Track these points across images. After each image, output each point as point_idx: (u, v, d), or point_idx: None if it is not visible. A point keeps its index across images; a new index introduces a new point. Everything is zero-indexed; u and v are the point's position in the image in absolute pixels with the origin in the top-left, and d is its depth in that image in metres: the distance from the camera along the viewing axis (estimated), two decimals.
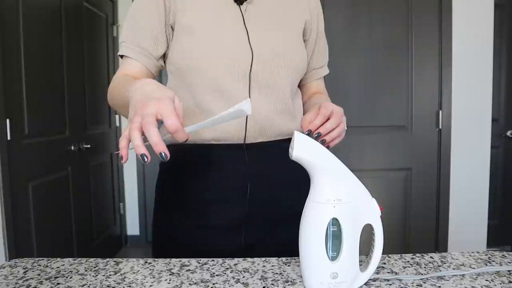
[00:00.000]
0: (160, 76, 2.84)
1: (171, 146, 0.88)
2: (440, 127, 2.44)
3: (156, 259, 0.73)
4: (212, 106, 0.80)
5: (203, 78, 0.80)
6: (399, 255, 0.74)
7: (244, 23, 0.80)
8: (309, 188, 0.86)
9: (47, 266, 0.70)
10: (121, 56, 0.84)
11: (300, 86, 0.96)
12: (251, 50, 0.79)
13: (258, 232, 0.83)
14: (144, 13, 0.82)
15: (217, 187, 0.82)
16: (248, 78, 0.80)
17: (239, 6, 0.81)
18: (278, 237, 0.84)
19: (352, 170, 0.59)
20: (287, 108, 0.85)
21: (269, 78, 0.81)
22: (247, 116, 0.80)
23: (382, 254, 0.64)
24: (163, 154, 0.51)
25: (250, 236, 0.83)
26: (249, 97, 0.80)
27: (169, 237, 0.87)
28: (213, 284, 0.62)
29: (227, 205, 0.82)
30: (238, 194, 0.82)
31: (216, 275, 0.66)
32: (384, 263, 0.70)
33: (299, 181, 0.85)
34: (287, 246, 0.80)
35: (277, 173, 0.83)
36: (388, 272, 0.66)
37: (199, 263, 0.71)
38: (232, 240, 0.83)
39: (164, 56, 0.86)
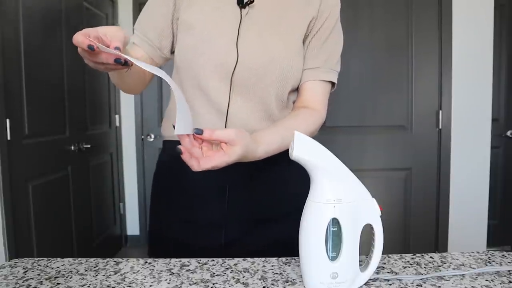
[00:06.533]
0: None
1: (167, 143, 0.89)
2: (440, 127, 2.44)
3: (156, 259, 0.73)
4: (195, 103, 0.82)
5: (190, 75, 0.82)
6: (399, 255, 0.74)
7: (239, 26, 0.80)
8: (289, 189, 0.84)
9: (47, 266, 0.70)
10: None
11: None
12: (237, 54, 0.79)
13: (239, 231, 0.84)
14: (155, 5, 0.86)
15: (199, 185, 0.83)
16: (230, 81, 0.80)
17: (241, 10, 0.81)
18: (260, 237, 0.84)
19: (352, 170, 0.59)
20: (269, 118, 0.84)
21: (253, 86, 0.81)
22: (226, 119, 0.81)
23: (382, 254, 0.64)
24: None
25: (231, 234, 0.84)
26: (229, 100, 0.80)
27: (156, 231, 0.90)
28: (213, 284, 0.62)
29: (207, 203, 0.84)
30: (219, 193, 0.83)
31: (216, 275, 0.66)
32: (384, 263, 0.70)
33: (279, 182, 0.85)
34: (270, 245, 0.81)
35: (257, 174, 0.83)
36: (388, 272, 0.66)
37: (199, 263, 0.71)
38: (213, 236, 0.84)
39: (173, 48, 0.89)
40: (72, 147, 2.14)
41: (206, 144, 0.63)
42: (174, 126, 0.58)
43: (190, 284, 0.62)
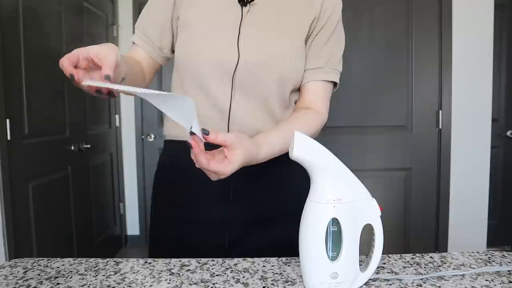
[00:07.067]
0: (161, 72, 2.84)
1: (168, 143, 0.89)
2: (440, 127, 2.44)
3: (156, 259, 0.73)
4: (197, 104, 0.81)
5: (191, 73, 0.82)
6: (399, 255, 0.74)
7: (240, 25, 0.80)
8: (290, 189, 0.83)
9: (47, 266, 0.70)
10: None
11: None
12: (238, 53, 0.79)
13: (242, 231, 0.84)
14: (155, 4, 0.87)
15: (202, 185, 0.82)
16: (231, 80, 0.80)
17: (242, 8, 0.81)
18: (261, 237, 0.84)
19: (352, 170, 0.59)
20: (272, 117, 0.84)
21: (254, 85, 0.80)
22: (228, 119, 0.80)
23: (382, 254, 0.64)
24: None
25: (234, 235, 0.84)
26: (231, 99, 0.80)
27: (158, 231, 0.90)
28: (213, 284, 0.62)
29: (210, 203, 0.84)
30: (222, 193, 0.83)
31: (216, 275, 0.66)
32: (384, 263, 0.70)
33: (280, 182, 0.85)
34: (271, 245, 0.81)
35: (260, 174, 0.83)
36: (388, 272, 0.66)
37: (199, 263, 0.71)
38: (216, 237, 0.84)
39: (173, 47, 0.89)
40: (72, 147, 2.14)
41: (209, 154, 0.64)
42: (190, 132, 0.58)
43: (190, 284, 0.62)
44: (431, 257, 0.73)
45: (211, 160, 0.62)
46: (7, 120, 1.58)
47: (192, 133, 0.59)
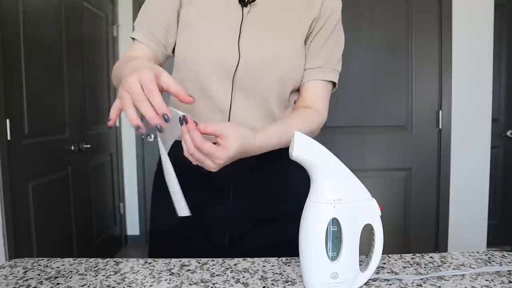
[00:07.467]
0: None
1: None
2: (440, 127, 2.44)
3: (156, 259, 0.73)
4: (197, 103, 0.82)
5: (191, 73, 0.82)
6: (399, 255, 0.74)
7: (241, 26, 0.80)
8: (290, 189, 0.83)
9: (47, 266, 0.70)
10: (133, 38, 0.87)
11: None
12: (239, 53, 0.79)
13: (242, 231, 0.84)
14: (159, 1, 0.84)
15: (202, 185, 0.83)
16: (232, 81, 0.80)
17: (242, 8, 0.81)
18: (262, 237, 0.84)
19: (352, 170, 0.59)
20: (271, 117, 0.84)
21: (255, 85, 0.80)
22: (228, 119, 0.81)
23: (382, 254, 0.64)
24: (159, 126, 0.59)
25: (234, 234, 0.84)
26: (231, 100, 0.80)
27: (157, 231, 0.90)
28: (213, 284, 0.62)
29: (211, 201, 0.84)
30: (222, 193, 0.83)
31: (216, 275, 0.66)
32: (384, 263, 0.70)
33: (280, 182, 0.85)
34: (271, 245, 0.81)
35: (259, 174, 0.83)
36: (388, 272, 0.66)
37: (199, 263, 0.71)
38: (216, 237, 0.84)
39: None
40: (72, 147, 2.14)
41: None
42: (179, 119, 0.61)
43: (190, 284, 0.62)
44: (431, 257, 0.73)
45: (205, 142, 0.62)
46: (7, 120, 1.58)
47: (181, 119, 0.61)
